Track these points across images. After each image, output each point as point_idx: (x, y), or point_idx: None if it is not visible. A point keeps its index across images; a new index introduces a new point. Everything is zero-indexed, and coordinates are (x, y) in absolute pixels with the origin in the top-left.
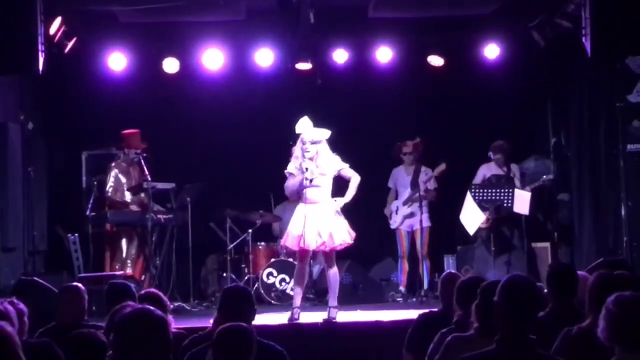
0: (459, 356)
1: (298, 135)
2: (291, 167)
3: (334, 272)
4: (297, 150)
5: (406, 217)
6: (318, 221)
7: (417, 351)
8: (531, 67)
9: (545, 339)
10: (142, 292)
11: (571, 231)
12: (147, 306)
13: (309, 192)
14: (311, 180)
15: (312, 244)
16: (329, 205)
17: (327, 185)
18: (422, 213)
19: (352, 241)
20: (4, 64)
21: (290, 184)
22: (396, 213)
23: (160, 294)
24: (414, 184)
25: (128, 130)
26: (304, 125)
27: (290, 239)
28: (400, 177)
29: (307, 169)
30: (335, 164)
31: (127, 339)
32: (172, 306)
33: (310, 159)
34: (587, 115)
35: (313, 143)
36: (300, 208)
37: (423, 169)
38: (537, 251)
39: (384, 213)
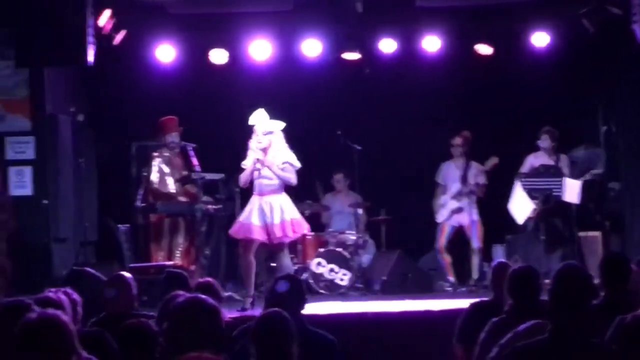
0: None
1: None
2: (246, 161)
3: (284, 263)
4: (252, 142)
5: (454, 212)
6: (276, 214)
7: (468, 341)
8: (580, 55)
9: (598, 328)
10: (198, 281)
11: (622, 220)
12: (200, 295)
13: (260, 183)
14: (259, 172)
15: (258, 236)
16: (281, 196)
17: (276, 177)
18: (471, 209)
19: (306, 231)
20: (54, 56)
21: (242, 175)
22: (444, 207)
23: (215, 283)
24: (464, 179)
25: (164, 117)
26: (258, 117)
27: (240, 228)
28: (450, 172)
29: (257, 159)
30: (287, 157)
31: (180, 327)
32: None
33: (264, 150)
34: (638, 102)
35: (265, 134)
36: (252, 199)
37: (473, 163)
38: (587, 241)
39: (432, 207)
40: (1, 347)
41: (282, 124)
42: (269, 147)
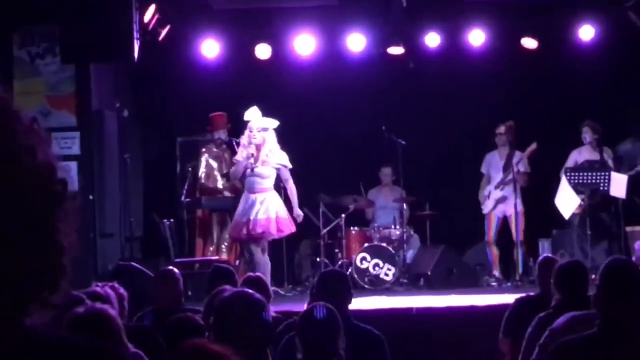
0: None
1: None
2: (238, 155)
3: (266, 260)
4: (244, 138)
5: (498, 201)
6: (261, 209)
7: (515, 335)
8: (627, 48)
9: None
10: (248, 275)
11: None
12: (246, 289)
13: (252, 181)
14: (252, 169)
15: (246, 230)
16: (270, 194)
17: (272, 175)
18: (515, 197)
19: (294, 229)
20: (100, 52)
21: (233, 170)
22: (488, 198)
23: (264, 278)
24: (507, 167)
25: (214, 113)
26: (253, 113)
27: (236, 227)
28: (494, 162)
29: (252, 155)
30: (280, 158)
31: (227, 321)
32: None
33: (257, 147)
34: None
35: (260, 131)
36: (244, 196)
37: (516, 153)
38: (634, 235)
39: (478, 199)
40: None
41: (276, 122)
42: (263, 145)
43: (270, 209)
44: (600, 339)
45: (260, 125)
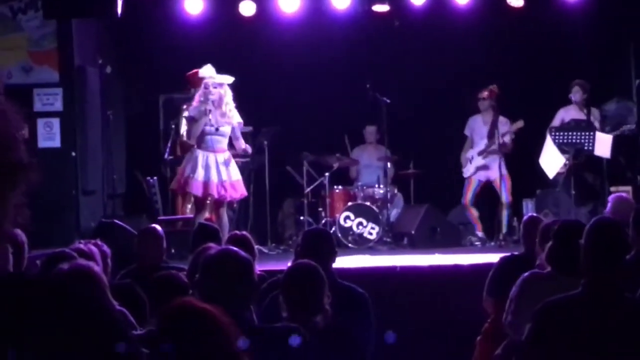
0: (534, 292)
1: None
2: (192, 111)
3: (226, 221)
4: (199, 95)
5: (479, 168)
6: (222, 170)
7: (499, 294)
8: (614, 7)
9: (631, 283)
10: (234, 233)
11: None
12: (232, 247)
13: (213, 140)
14: (217, 128)
15: (215, 192)
16: (229, 155)
17: (228, 134)
18: (500, 164)
19: (246, 193)
20: (83, 7)
21: (192, 129)
22: (470, 162)
23: (249, 237)
24: (491, 135)
25: (191, 71)
26: (208, 70)
27: (192, 184)
28: (477, 126)
29: (209, 111)
30: (236, 116)
31: (213, 280)
32: None
33: (214, 104)
34: None
35: (216, 87)
36: (202, 155)
37: (501, 119)
38: None
39: (460, 160)
40: None
41: (231, 79)
42: (222, 102)
43: (232, 172)
44: (585, 299)
45: (216, 81)
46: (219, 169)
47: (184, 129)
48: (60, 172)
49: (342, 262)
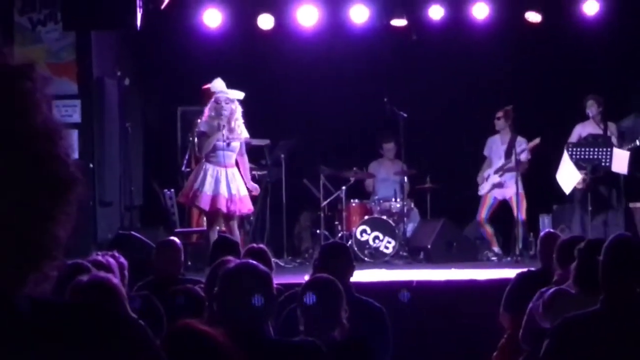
0: (560, 309)
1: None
2: (203, 126)
3: (237, 235)
4: (210, 109)
5: (495, 185)
6: (231, 185)
7: (515, 310)
8: (632, 24)
9: None
10: (251, 246)
11: None
12: (251, 261)
13: (224, 155)
14: (229, 144)
15: (223, 207)
16: (236, 170)
17: (237, 149)
18: (516, 182)
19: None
20: (102, 19)
21: (204, 143)
22: (486, 180)
23: (266, 250)
24: (508, 154)
25: (207, 84)
26: (219, 85)
27: (201, 198)
28: (495, 146)
29: (224, 126)
30: (244, 131)
31: (232, 292)
32: None
33: (228, 119)
34: None
35: (228, 102)
36: (212, 169)
37: (519, 138)
38: (635, 211)
39: (477, 179)
40: None
41: (241, 94)
42: (232, 117)
43: (240, 187)
44: (604, 315)
45: (228, 97)
46: (228, 184)
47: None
48: None
49: (358, 276)
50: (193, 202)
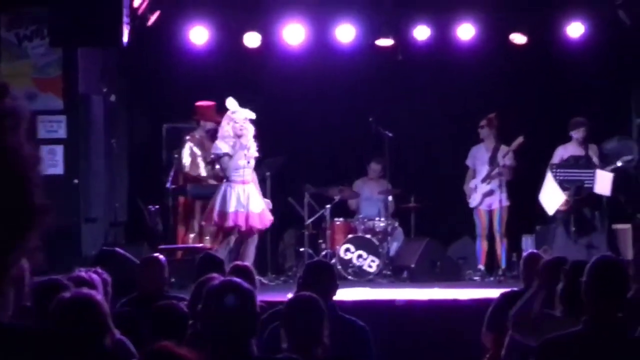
0: (544, 330)
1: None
2: (224, 147)
3: (253, 250)
4: (226, 129)
5: (485, 195)
6: (253, 201)
7: (498, 330)
8: (616, 47)
9: (631, 320)
10: (235, 263)
11: None
12: (235, 278)
13: (244, 172)
14: (249, 161)
15: (243, 223)
16: (254, 185)
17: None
18: (501, 192)
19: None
20: (88, 36)
21: (232, 164)
22: (475, 191)
23: (251, 267)
24: (493, 161)
25: (203, 102)
26: (234, 104)
27: (229, 217)
28: (479, 155)
29: (247, 146)
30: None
31: (216, 310)
32: None
33: (243, 137)
34: None
35: (246, 121)
36: (236, 187)
37: (503, 147)
38: (618, 233)
39: (463, 190)
40: (38, 325)
41: (253, 114)
42: (248, 136)
43: (259, 202)
44: (586, 336)
45: (245, 116)
46: (250, 200)
47: (187, 160)
48: (62, 199)
49: (342, 294)
50: (222, 223)
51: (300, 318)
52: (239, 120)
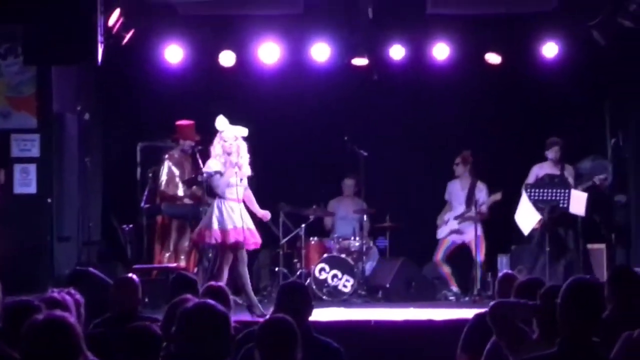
0: (520, 352)
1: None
2: (216, 165)
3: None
4: (216, 148)
5: (454, 231)
6: (245, 219)
7: (473, 352)
8: (590, 67)
9: (606, 341)
10: (210, 284)
11: (627, 233)
12: (210, 301)
13: (238, 190)
14: (241, 179)
15: (241, 238)
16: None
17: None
18: (476, 230)
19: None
20: (63, 54)
21: (223, 181)
22: (445, 224)
23: (225, 288)
24: (469, 201)
25: (182, 121)
26: (224, 123)
27: (230, 234)
28: (455, 191)
29: (237, 164)
30: (248, 167)
31: (189, 333)
32: None
33: (235, 156)
34: None
35: (235, 140)
36: (229, 204)
37: (479, 185)
38: (593, 253)
39: (436, 222)
40: (10, 347)
41: (246, 131)
42: (239, 154)
43: (248, 220)
44: (561, 357)
45: (235, 134)
46: (243, 218)
47: (164, 178)
48: (35, 218)
49: (317, 314)
50: (225, 241)
51: (274, 340)
52: (228, 138)
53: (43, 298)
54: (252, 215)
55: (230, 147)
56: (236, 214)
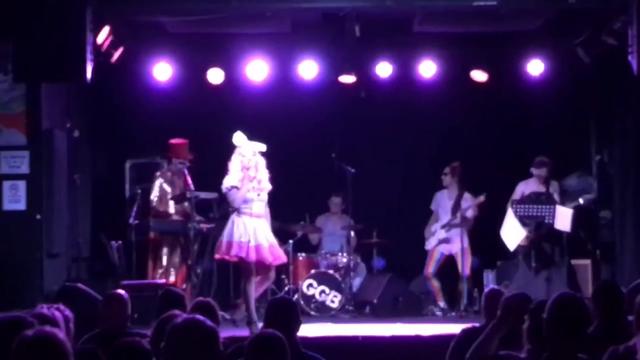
0: None
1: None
2: (233, 181)
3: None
4: (235, 163)
5: (442, 241)
6: (264, 235)
7: None
8: (575, 85)
9: (592, 356)
10: (199, 300)
11: (612, 249)
12: (199, 316)
13: (255, 205)
14: (259, 194)
15: (268, 256)
16: (264, 220)
17: (265, 199)
18: (461, 237)
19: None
20: (52, 72)
21: (240, 196)
22: (433, 235)
23: (213, 303)
24: (455, 210)
25: (176, 139)
26: (242, 139)
27: (234, 248)
28: (443, 201)
29: (255, 179)
30: (268, 182)
31: (178, 349)
32: None
33: (253, 171)
34: (632, 133)
35: (254, 155)
36: (248, 220)
37: (466, 195)
38: (578, 268)
39: (424, 234)
40: None
41: (264, 146)
42: (257, 169)
43: (268, 236)
44: None
45: (253, 150)
46: (257, 233)
47: (155, 195)
48: (25, 234)
49: (304, 330)
50: (246, 256)
51: (264, 356)
52: (246, 154)
53: (33, 314)
54: None
55: (249, 162)
56: (249, 229)
